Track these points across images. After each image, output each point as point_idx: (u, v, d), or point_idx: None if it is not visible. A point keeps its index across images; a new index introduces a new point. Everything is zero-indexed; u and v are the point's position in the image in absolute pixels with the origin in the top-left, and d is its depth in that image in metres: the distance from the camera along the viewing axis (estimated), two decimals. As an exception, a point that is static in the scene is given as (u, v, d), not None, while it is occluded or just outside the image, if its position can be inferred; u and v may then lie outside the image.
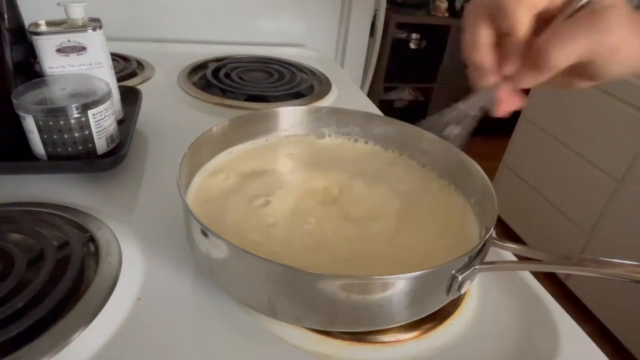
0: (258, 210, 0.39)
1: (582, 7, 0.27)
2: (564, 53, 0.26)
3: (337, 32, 1.13)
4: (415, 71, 2.32)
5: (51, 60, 0.49)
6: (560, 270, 0.32)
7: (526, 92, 0.32)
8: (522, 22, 0.27)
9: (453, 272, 0.31)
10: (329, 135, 0.51)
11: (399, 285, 0.29)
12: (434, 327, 0.36)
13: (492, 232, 0.35)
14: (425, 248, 0.38)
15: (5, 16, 0.45)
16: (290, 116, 0.50)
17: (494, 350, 0.35)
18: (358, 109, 0.51)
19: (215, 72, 0.81)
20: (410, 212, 0.41)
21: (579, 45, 0.26)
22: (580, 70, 0.29)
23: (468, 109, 0.33)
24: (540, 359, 0.35)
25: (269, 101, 0.75)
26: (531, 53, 0.28)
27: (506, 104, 0.31)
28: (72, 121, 0.45)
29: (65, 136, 0.45)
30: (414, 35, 2.33)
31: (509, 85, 0.31)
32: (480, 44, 0.29)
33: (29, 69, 0.50)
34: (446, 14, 2.15)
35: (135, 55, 0.85)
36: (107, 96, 0.47)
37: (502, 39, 0.29)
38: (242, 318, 0.35)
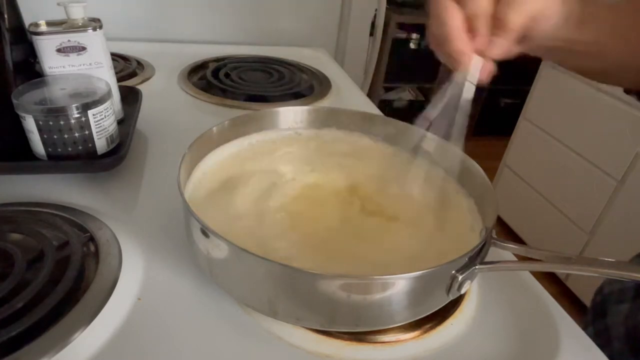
0: (259, 209, 0.39)
1: None
2: (520, 13, 0.33)
3: (337, 32, 1.13)
4: (415, 71, 2.32)
5: (51, 60, 0.49)
6: (560, 270, 0.32)
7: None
8: (486, 1, 0.33)
9: (453, 272, 0.31)
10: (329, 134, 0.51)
11: (399, 285, 0.29)
12: (434, 327, 0.36)
13: (492, 232, 0.35)
14: (424, 247, 0.38)
15: (5, 16, 0.45)
16: (290, 116, 0.50)
17: (494, 350, 0.35)
18: (358, 109, 0.51)
19: (215, 72, 0.81)
20: (409, 211, 0.41)
21: (527, 5, 0.33)
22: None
23: (452, 96, 0.36)
24: (540, 359, 0.35)
25: (269, 101, 0.75)
26: (494, 23, 0.34)
27: (485, 73, 0.36)
28: (72, 121, 0.45)
29: (65, 136, 0.45)
30: (414, 35, 2.32)
31: (484, 58, 0.35)
32: (457, 30, 0.34)
33: (29, 69, 0.50)
34: (446, 14, 2.14)
35: (135, 55, 0.85)
36: (107, 96, 0.47)
37: (467, 21, 0.34)
38: (242, 318, 0.35)
